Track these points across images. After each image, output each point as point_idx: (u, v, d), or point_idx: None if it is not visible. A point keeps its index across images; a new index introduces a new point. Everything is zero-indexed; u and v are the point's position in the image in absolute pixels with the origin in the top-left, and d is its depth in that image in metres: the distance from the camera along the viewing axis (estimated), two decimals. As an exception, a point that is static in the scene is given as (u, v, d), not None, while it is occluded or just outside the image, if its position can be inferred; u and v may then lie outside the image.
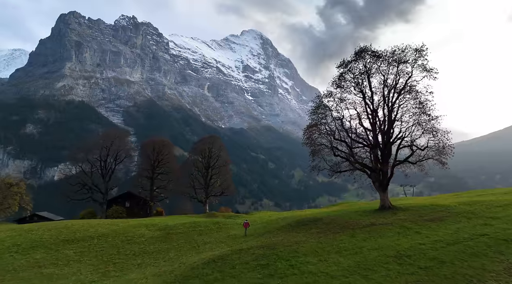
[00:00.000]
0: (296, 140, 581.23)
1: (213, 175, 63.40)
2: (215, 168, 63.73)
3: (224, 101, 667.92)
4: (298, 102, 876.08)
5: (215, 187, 63.29)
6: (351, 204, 56.29)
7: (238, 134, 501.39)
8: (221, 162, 64.90)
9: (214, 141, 66.70)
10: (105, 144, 63.19)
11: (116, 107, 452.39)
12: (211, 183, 62.88)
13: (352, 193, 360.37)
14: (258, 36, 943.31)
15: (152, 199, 62.76)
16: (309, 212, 43.68)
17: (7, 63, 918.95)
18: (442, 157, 28.35)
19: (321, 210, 46.09)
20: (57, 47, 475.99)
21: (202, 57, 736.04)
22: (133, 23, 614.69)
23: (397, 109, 29.24)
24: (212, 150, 64.36)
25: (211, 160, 63.97)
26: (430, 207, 27.01)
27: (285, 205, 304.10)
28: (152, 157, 64.48)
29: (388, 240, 18.32)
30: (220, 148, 66.36)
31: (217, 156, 64.37)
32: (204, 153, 64.25)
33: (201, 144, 67.68)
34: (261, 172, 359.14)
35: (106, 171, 63.10)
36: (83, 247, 28.17)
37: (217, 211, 61.25)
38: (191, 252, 25.37)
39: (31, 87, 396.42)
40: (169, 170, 64.89)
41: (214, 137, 70.07)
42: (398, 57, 28.52)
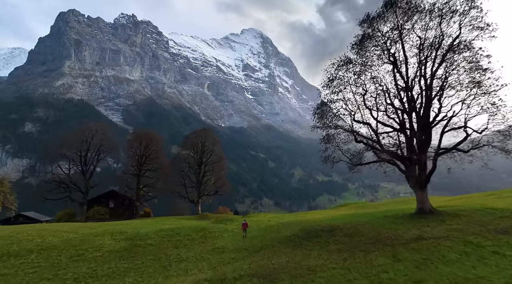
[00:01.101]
0: (296, 139, 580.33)
1: (206, 172, 57.73)
2: (209, 164, 58.17)
3: (224, 99, 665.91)
4: (298, 101, 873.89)
5: (208, 186, 57.88)
6: (361, 205, 49.44)
7: (238, 133, 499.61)
8: (215, 157, 59.13)
9: (208, 134, 60.76)
10: (85, 138, 56.49)
11: (116, 105, 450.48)
12: (203, 181, 57.34)
13: (353, 192, 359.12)
14: (258, 34, 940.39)
15: (139, 199, 57.67)
16: (318, 215, 35.36)
17: (6, 62, 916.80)
18: (508, 143, 21.81)
19: (331, 213, 37.83)
20: (56, 46, 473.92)
21: (202, 56, 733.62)
22: (132, 21, 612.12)
23: (443, 76, 22.28)
24: (205, 144, 58.56)
25: (204, 156, 58.22)
26: (485, 211, 21.08)
27: (285, 204, 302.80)
28: (138, 152, 58.80)
29: (458, 268, 11.84)
30: (214, 142, 60.44)
31: (211, 151, 58.65)
32: (196, 148, 58.38)
33: (193, 138, 60.83)
34: (261, 171, 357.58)
35: (86, 168, 56.58)
36: (10, 267, 20.44)
37: (215, 210, 59.08)
38: (157, 275, 18.76)
39: (30, 86, 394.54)
40: (158, 166, 59.08)
41: (207, 130, 63.54)
42: (442, 7, 21.42)
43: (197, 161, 58.16)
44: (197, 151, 58.57)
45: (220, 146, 62.91)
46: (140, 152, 59.02)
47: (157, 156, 60.07)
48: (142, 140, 60.43)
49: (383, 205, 41.14)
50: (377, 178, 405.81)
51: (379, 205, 45.05)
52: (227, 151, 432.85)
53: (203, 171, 57.97)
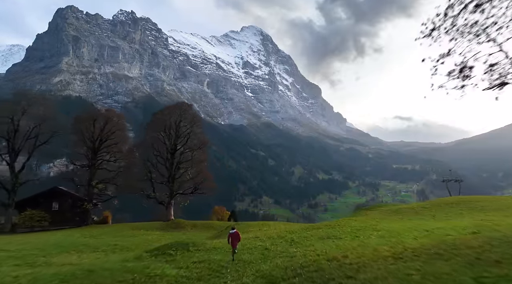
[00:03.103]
0: (297, 137, 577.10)
1: (181, 163, 43.09)
2: (185, 152, 43.53)
3: (224, 97, 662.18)
4: (298, 99, 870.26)
5: (185, 181, 43.39)
6: (395, 208, 27.12)
7: (238, 130, 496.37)
8: (195, 143, 44.61)
9: (185, 111, 45.25)
10: (11, 113, 41.04)
11: (114, 103, 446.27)
12: (178, 174, 42.94)
13: (353, 191, 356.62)
14: (258, 32, 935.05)
15: (91, 199, 43.69)
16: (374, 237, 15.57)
17: (5, 59, 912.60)
18: None
19: (376, 223, 19.63)
20: (54, 42, 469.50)
21: (201, 53, 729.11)
22: (131, 18, 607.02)
23: None
24: (180, 124, 43.76)
25: (178, 140, 43.60)
26: None
27: (285, 203, 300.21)
28: (91, 135, 44.49)
29: None
30: (194, 121, 45.30)
31: (188, 133, 43.83)
32: (168, 130, 43.49)
33: (164, 116, 44.98)
34: (261, 169, 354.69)
35: (14, 157, 41.87)
36: None
37: (211, 210, 54.20)
38: None
39: (27, 82, 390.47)
40: (119, 156, 45.72)
41: (183, 105, 47.14)
42: None
43: (169, 147, 43.04)
44: (170, 134, 43.47)
45: (201, 127, 47.07)
46: (94, 136, 44.74)
47: (118, 142, 45.91)
48: (97, 119, 45.73)
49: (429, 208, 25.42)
50: (378, 177, 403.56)
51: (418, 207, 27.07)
52: (227, 149, 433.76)
53: (178, 161, 43.11)
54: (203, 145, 45.89)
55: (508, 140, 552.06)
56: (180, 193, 43.23)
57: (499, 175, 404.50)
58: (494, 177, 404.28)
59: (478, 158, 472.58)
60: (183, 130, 44.27)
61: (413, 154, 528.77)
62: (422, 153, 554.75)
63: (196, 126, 45.83)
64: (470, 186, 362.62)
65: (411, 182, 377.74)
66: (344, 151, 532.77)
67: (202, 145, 45.67)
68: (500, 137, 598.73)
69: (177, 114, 44.49)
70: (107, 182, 45.07)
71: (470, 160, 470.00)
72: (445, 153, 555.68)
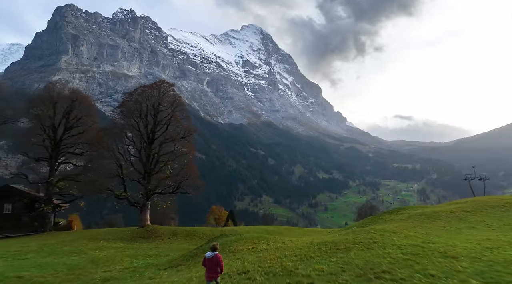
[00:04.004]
0: (297, 136, 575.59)
1: (160, 157, 34.32)
2: (166, 142, 34.52)
3: (224, 96, 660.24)
4: (298, 98, 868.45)
5: (164, 179, 34.45)
6: (429, 211, 22.28)
7: (238, 129, 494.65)
8: (178, 131, 35.54)
9: (165, 91, 35.96)
10: None
11: (113, 101, 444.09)
12: (156, 170, 34.14)
13: (354, 190, 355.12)
14: (258, 31, 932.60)
15: (49, 200, 35.60)
16: None
17: (4, 58, 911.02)
18: None
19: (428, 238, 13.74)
20: (53, 40, 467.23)
21: (201, 52, 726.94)
22: (131, 16, 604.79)
23: None
24: (159, 108, 35.02)
25: (157, 128, 34.87)
26: None
27: (285, 202, 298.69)
28: (51, 122, 36.23)
29: None
30: (176, 104, 36.08)
31: (169, 119, 35.05)
32: (144, 114, 34.47)
33: (139, 96, 35.47)
34: (260, 168, 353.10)
35: None
36: None
37: (209, 209, 51.29)
38: None
39: (26, 81, 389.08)
40: (88, 147, 36.82)
41: (163, 84, 36.80)
42: None
43: (145, 136, 34.37)
44: (146, 119, 34.69)
45: (185, 111, 38.61)
46: (54, 123, 36.20)
47: (85, 130, 37.32)
48: (59, 102, 36.51)
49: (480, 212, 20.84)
50: (378, 176, 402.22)
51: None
52: (226, 148, 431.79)
53: (156, 154, 34.41)
54: (188, 134, 35.62)
55: (508, 139, 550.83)
56: (158, 192, 34.32)
57: (500, 175, 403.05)
58: (495, 176, 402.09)
59: (478, 157, 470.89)
60: (163, 115, 35.07)
61: (414, 154, 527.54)
62: (422, 152, 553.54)
63: (179, 110, 36.52)
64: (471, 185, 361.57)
65: (412, 181, 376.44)
66: (344, 150, 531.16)
67: (187, 134, 35.47)
68: (501, 136, 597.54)
69: (155, 96, 35.11)
70: (71, 179, 36.13)
71: (470, 160, 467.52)
72: (446, 152, 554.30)
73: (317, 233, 31.89)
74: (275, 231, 33.03)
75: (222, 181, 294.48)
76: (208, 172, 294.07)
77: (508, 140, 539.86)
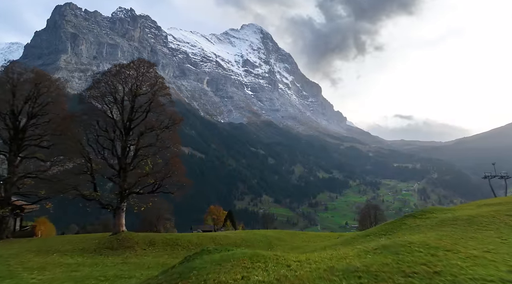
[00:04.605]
0: (297, 135, 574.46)
1: (139, 150, 28.46)
2: (147, 133, 28.55)
3: (224, 95, 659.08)
4: (298, 98, 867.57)
5: (143, 177, 28.14)
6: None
7: (238, 129, 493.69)
8: (162, 119, 29.28)
9: (145, 72, 29.42)
10: None
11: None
12: (133, 166, 28.30)
13: (354, 189, 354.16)
14: (258, 30, 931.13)
15: (7, 202, 28.62)
16: None
17: (4, 57, 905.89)
18: None
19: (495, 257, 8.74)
20: (52, 39, 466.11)
21: (201, 51, 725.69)
22: (131, 15, 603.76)
23: None
24: (138, 92, 28.76)
25: (135, 116, 28.70)
26: None
27: (285, 201, 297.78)
28: (9, 109, 29.51)
29: None
30: (159, 88, 29.56)
31: (149, 106, 28.77)
32: (120, 99, 28.55)
33: (113, 77, 28.93)
34: (260, 168, 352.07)
35: None
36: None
37: (207, 209, 50.16)
38: None
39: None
40: (53, 140, 29.95)
41: (142, 64, 30.25)
42: None
43: (120, 126, 28.22)
44: (122, 105, 28.57)
45: (170, 96, 31.44)
46: (14, 111, 29.77)
47: (51, 119, 30.72)
48: (19, 86, 30.08)
49: None
50: (379, 175, 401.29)
51: None
52: (226, 147, 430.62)
53: (132, 145, 28.83)
54: (173, 124, 29.61)
55: (509, 138, 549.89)
56: (136, 192, 28.20)
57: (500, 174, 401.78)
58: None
59: (479, 157, 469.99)
60: (142, 100, 28.94)
61: (414, 153, 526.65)
62: (422, 151, 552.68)
63: (163, 95, 30.02)
64: (471, 185, 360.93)
65: (412, 181, 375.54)
66: (344, 149, 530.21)
67: (171, 123, 29.43)
68: (501, 136, 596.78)
69: (132, 77, 28.77)
70: (34, 177, 30.26)
71: (471, 159, 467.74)
72: (446, 151, 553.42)
73: (325, 239, 27.93)
74: (276, 237, 28.87)
75: (222, 180, 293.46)
76: (208, 171, 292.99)
77: (508, 140, 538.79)
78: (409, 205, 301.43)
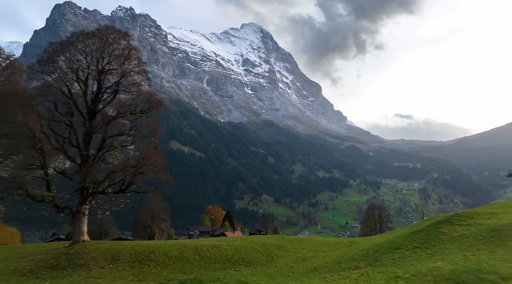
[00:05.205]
0: (297, 135, 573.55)
1: (107, 139, 22.34)
2: (118, 118, 23.30)
3: (224, 95, 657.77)
4: (298, 97, 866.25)
5: (112, 173, 22.54)
6: None
7: (238, 128, 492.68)
8: (135, 103, 23.42)
9: (112, 42, 22.66)
10: None
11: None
12: (98, 159, 22.23)
13: (354, 189, 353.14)
14: (258, 29, 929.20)
15: None
16: None
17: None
18: None
19: None
20: (51, 38, 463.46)
21: (201, 50, 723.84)
22: (130, 14, 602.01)
23: None
24: (106, 68, 22.73)
25: (102, 97, 23.13)
26: None
27: (285, 201, 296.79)
28: None
29: None
30: (136, 65, 23.68)
31: (117, 84, 23.10)
32: (84, 74, 22.31)
33: (73, 47, 21.93)
34: (260, 167, 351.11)
35: None
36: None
37: (204, 209, 48.66)
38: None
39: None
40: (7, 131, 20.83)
41: (109, 31, 22.89)
42: None
43: (82, 109, 22.39)
44: (85, 83, 22.51)
45: (146, 74, 24.43)
46: None
47: None
48: None
49: None
50: (379, 175, 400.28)
51: None
52: (226, 146, 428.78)
53: (96, 133, 22.30)
54: (150, 108, 23.60)
55: (509, 138, 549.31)
56: (100, 192, 22.13)
57: (501, 174, 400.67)
58: (496, 175, 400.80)
59: (479, 156, 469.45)
60: (110, 77, 23.36)
61: (414, 152, 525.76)
62: (423, 151, 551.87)
63: (138, 72, 23.68)
64: (472, 184, 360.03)
65: (413, 180, 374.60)
66: (344, 149, 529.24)
67: (148, 107, 23.57)
68: (501, 135, 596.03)
69: (97, 48, 22.43)
70: None
71: (471, 158, 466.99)
72: (446, 151, 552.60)
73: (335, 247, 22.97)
74: (277, 245, 23.45)
75: (222, 180, 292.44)
76: (207, 171, 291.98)
77: (508, 139, 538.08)
78: (410, 204, 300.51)
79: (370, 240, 23.06)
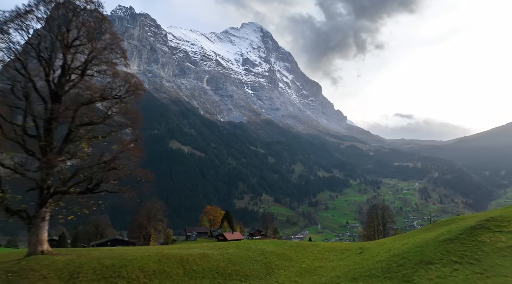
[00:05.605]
0: (297, 134, 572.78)
1: (75, 129, 17.67)
2: (90, 104, 18.70)
3: (223, 94, 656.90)
4: (298, 96, 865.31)
5: (81, 168, 18.09)
6: None
7: (238, 127, 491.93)
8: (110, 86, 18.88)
9: (81, 11, 17.92)
10: None
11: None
12: (63, 152, 17.52)
13: (354, 189, 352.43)
14: (258, 29, 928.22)
15: None
16: None
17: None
18: None
19: None
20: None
21: (201, 50, 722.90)
22: (130, 13, 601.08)
23: None
24: (74, 43, 17.62)
25: (70, 77, 17.92)
26: None
27: (285, 201, 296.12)
28: None
29: None
30: (110, 41, 18.79)
31: (85, 63, 18.10)
32: (48, 50, 17.36)
33: (41, 7, 16.60)
34: (260, 167, 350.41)
35: None
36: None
37: (203, 209, 47.25)
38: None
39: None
40: None
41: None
42: None
43: (44, 92, 17.51)
44: (49, 61, 17.33)
45: (123, 50, 19.26)
46: None
47: None
48: None
49: None
50: (379, 174, 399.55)
51: None
52: (226, 146, 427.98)
53: (60, 119, 17.13)
54: (127, 92, 19.52)
55: (509, 138, 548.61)
56: (63, 191, 17.84)
57: (501, 173, 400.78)
58: (496, 175, 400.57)
59: (479, 156, 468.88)
60: (79, 55, 19.22)
61: (414, 152, 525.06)
62: (423, 150, 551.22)
63: (112, 48, 19.31)
64: (472, 184, 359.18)
65: (413, 180, 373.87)
66: (344, 148, 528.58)
67: (125, 91, 19.55)
68: (502, 135, 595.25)
69: (62, 16, 18.74)
70: None
71: (471, 158, 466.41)
72: (446, 151, 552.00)
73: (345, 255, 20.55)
74: (277, 253, 20.80)
75: (222, 179, 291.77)
76: (207, 170, 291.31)
77: (509, 139, 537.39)
78: (410, 204, 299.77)
79: (383, 246, 19.95)
